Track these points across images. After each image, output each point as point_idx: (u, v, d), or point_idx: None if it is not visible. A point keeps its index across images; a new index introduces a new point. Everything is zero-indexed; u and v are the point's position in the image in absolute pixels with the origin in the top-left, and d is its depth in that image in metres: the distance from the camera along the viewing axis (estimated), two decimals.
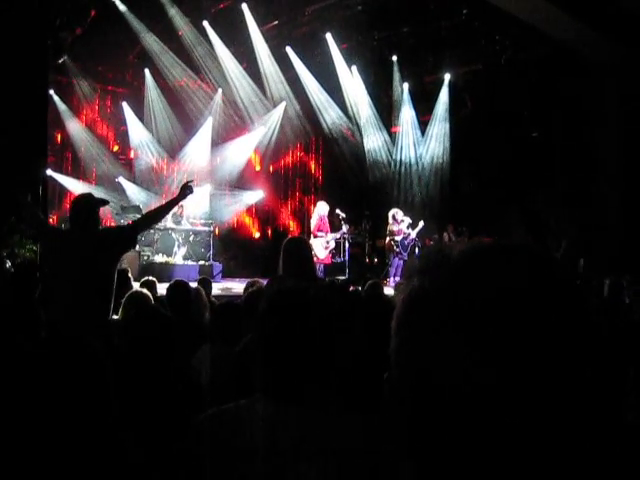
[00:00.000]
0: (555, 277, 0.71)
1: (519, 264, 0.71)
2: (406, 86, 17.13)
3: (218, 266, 13.84)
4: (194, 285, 6.20)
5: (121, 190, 15.85)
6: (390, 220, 13.63)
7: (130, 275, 6.62)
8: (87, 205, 4.85)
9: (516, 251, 0.73)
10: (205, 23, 14.90)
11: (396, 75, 16.96)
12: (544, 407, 0.65)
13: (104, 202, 5.22)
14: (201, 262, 13.52)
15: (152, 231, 13.28)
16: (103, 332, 4.39)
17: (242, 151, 17.43)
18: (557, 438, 0.65)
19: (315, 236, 12.83)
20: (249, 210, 18.38)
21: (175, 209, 13.75)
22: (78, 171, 15.93)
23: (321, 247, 12.83)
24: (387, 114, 17.76)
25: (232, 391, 2.05)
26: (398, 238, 13.42)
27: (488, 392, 0.65)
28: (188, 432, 1.71)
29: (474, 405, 0.66)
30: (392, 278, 12.91)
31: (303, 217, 18.92)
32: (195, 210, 15.68)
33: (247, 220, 18.71)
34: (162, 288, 6.40)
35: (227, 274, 14.33)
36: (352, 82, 16.69)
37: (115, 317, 4.83)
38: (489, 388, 0.65)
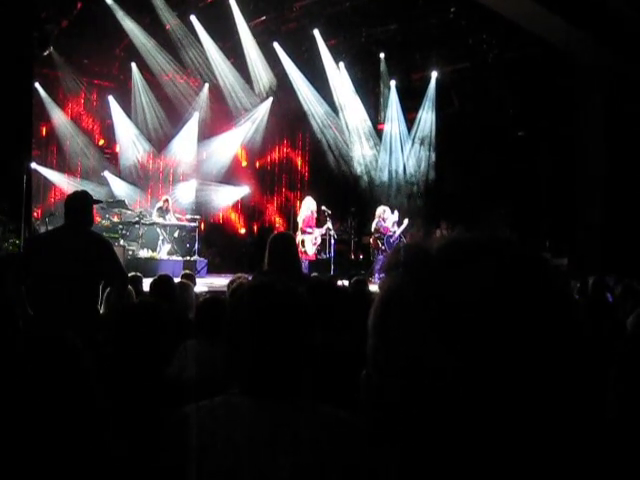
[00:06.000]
0: (541, 275, 0.69)
1: (503, 261, 0.69)
2: (393, 83, 17.13)
3: (202, 261, 13.80)
4: (178, 280, 6.19)
5: (106, 184, 15.76)
6: (377, 217, 13.66)
7: None
8: (82, 202, 4.87)
9: (500, 247, 0.71)
10: (192, 17, 14.83)
11: (383, 72, 16.97)
12: (528, 407, 0.64)
13: (98, 201, 5.28)
14: (186, 257, 13.47)
15: (137, 226, 13.22)
16: (91, 328, 4.41)
17: (228, 146, 17.37)
18: (543, 436, 0.65)
19: (304, 232, 12.80)
20: (235, 206, 18.33)
21: (161, 203, 13.73)
22: (63, 165, 15.80)
23: (310, 243, 12.83)
24: (374, 111, 17.77)
25: (217, 387, 2.05)
26: (384, 236, 13.47)
27: (470, 392, 0.64)
28: (164, 429, 1.72)
29: (454, 404, 0.65)
30: (377, 275, 12.94)
31: (289, 213, 18.90)
32: (181, 205, 15.66)
33: (233, 216, 18.66)
34: (146, 283, 6.39)
35: (212, 270, 14.29)
36: (339, 78, 16.68)
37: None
38: (471, 388, 0.64)
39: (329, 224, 13.35)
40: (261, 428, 1.61)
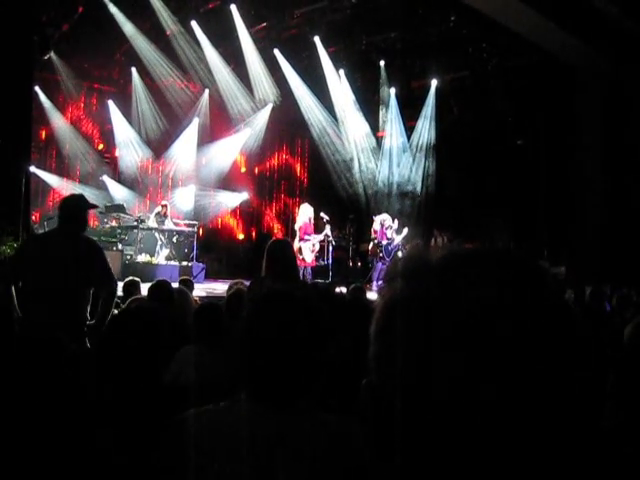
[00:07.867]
0: (539, 286, 0.70)
1: (502, 272, 0.70)
2: (393, 91, 17.18)
3: (199, 266, 13.76)
4: (175, 285, 6.18)
5: (105, 189, 15.75)
6: (377, 225, 13.66)
7: None
8: (77, 206, 4.84)
9: (499, 258, 0.72)
10: (193, 23, 14.86)
11: (383, 80, 17.01)
12: (526, 412, 0.65)
13: (94, 206, 5.26)
14: (184, 263, 13.46)
15: (135, 230, 13.21)
16: (80, 332, 4.40)
17: (228, 152, 17.40)
18: (542, 440, 0.65)
19: (302, 239, 12.76)
20: (233, 211, 18.34)
21: (159, 208, 13.72)
22: (62, 169, 15.79)
23: (309, 251, 12.79)
24: (374, 118, 17.80)
25: (215, 391, 2.05)
26: (383, 243, 13.47)
27: (471, 398, 0.65)
28: (166, 433, 1.71)
29: (456, 410, 0.65)
30: (375, 282, 12.94)
31: (287, 219, 18.92)
32: (179, 210, 15.65)
33: (231, 221, 18.67)
34: (144, 288, 6.38)
35: (211, 275, 14.28)
36: (339, 86, 16.71)
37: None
38: (472, 394, 0.65)
39: (328, 230, 13.32)
40: (262, 435, 1.61)
